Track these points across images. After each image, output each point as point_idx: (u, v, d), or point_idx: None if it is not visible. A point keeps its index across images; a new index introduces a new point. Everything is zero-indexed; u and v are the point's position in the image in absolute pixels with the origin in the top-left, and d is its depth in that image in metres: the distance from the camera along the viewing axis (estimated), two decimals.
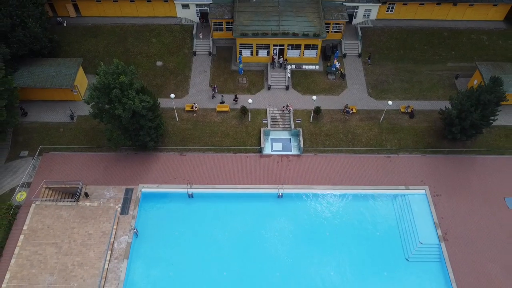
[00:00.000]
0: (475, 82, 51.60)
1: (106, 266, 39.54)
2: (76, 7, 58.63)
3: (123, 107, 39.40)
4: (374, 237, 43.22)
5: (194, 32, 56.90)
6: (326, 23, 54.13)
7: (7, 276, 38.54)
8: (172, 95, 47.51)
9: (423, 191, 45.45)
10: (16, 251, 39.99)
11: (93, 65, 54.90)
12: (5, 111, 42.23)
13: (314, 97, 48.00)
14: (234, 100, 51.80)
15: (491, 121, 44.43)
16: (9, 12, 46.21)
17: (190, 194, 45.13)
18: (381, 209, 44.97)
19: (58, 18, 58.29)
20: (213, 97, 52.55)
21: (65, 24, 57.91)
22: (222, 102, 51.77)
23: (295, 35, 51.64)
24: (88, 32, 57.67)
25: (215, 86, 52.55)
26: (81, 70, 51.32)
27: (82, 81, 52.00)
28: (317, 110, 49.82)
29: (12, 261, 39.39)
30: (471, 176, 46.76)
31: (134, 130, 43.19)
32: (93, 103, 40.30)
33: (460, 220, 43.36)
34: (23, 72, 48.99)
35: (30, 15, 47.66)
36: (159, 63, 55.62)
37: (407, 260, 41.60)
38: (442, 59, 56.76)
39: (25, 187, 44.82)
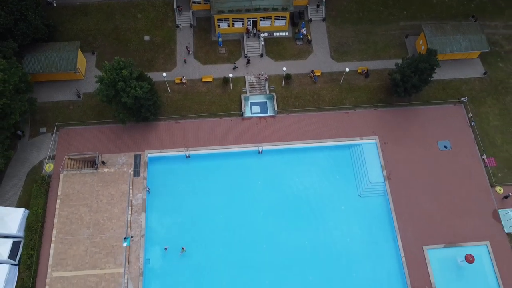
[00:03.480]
0: (421, 42, 60.73)
1: (129, 219, 51.24)
2: None
3: (127, 95, 48.06)
4: (335, 180, 55.34)
5: (175, 6, 62.78)
6: None
7: (53, 232, 50.06)
8: (164, 74, 55.66)
9: (373, 141, 56.77)
10: (56, 212, 51.11)
11: (87, 43, 61.69)
12: (27, 103, 50.40)
13: (284, 68, 56.87)
14: (246, 64, 60.43)
15: (427, 82, 54.47)
16: (10, 9, 51.88)
17: (187, 155, 55.61)
18: (340, 157, 56.50)
19: None
20: (185, 62, 60.44)
21: (55, 4, 62.91)
22: (235, 68, 59.89)
23: (266, 9, 58.56)
24: (78, 11, 63.09)
25: (188, 47, 60.41)
26: (79, 52, 58.13)
27: (82, 62, 59.04)
28: (288, 76, 58.84)
29: (55, 220, 50.67)
30: (412, 125, 57.89)
31: (136, 109, 52.15)
32: (102, 94, 48.64)
33: (401, 163, 55.34)
34: (29, 59, 55.85)
35: (28, 8, 53.23)
36: (146, 38, 62.33)
37: (359, 196, 54.23)
38: (396, 19, 64.69)
39: (50, 159, 54.57)
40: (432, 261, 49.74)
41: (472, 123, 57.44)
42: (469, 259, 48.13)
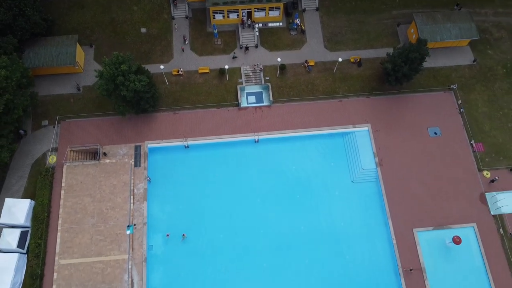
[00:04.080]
0: (412, 30, 62.06)
1: (131, 207, 53.35)
2: None
3: (126, 89, 49.53)
4: (329, 167, 57.41)
5: None
6: None
7: (59, 221, 52.17)
8: (162, 66, 57.05)
9: (366, 128, 58.63)
10: (61, 203, 53.12)
11: (85, 36, 62.73)
12: (29, 98, 51.84)
13: (279, 59, 58.24)
14: (245, 51, 61.83)
15: (418, 71, 56.02)
16: (9, 5, 52.78)
17: (186, 145, 57.41)
18: (334, 145, 58.41)
19: None
20: (182, 51, 61.75)
21: None
22: (234, 57, 61.30)
23: (260, 1, 59.59)
24: (75, 4, 63.91)
25: (185, 37, 61.79)
26: (78, 46, 59.18)
27: (80, 55, 60.17)
28: (282, 67, 60.26)
29: (61, 210, 52.73)
30: (404, 112, 59.68)
31: (135, 101, 53.66)
32: (102, 88, 50.04)
33: (393, 149, 57.35)
34: (29, 53, 56.97)
35: (26, 3, 54.11)
36: (143, 30, 63.36)
37: (352, 182, 56.39)
38: (388, 8, 65.81)
39: (53, 151, 56.29)
40: (421, 243, 52.24)
41: (462, 110, 59.30)
42: (456, 240, 50.66)
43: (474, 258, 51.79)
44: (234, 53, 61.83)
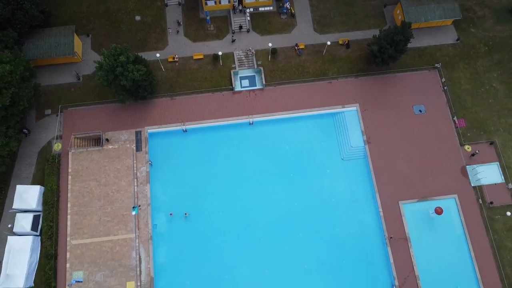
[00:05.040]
0: (398, 13, 64.20)
1: (135, 190, 56.78)
2: None
3: (126, 79, 52.02)
4: (320, 146, 60.74)
5: None
6: None
7: (68, 205, 55.63)
8: (158, 54, 59.28)
9: (354, 108, 61.66)
10: (69, 188, 56.44)
11: (81, 26, 64.57)
12: (33, 90, 54.27)
13: (270, 44, 60.61)
14: (239, 30, 64.17)
15: (403, 52, 58.59)
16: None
17: (184, 129, 60.37)
18: (324, 125, 61.59)
19: None
20: (177, 33, 63.95)
21: None
22: (233, 41, 63.56)
23: None
24: None
25: (179, 20, 63.83)
26: (75, 36, 61.07)
27: (78, 45, 62.14)
28: (274, 51, 62.61)
29: (69, 194, 56.10)
30: (390, 92, 62.60)
31: (134, 89, 56.20)
32: (102, 79, 52.50)
33: (380, 127, 60.58)
34: (29, 45, 58.94)
35: None
36: (138, 18, 65.11)
37: (342, 159, 59.90)
38: None
39: (58, 139, 59.13)
40: (406, 214, 56.31)
41: (445, 88, 62.28)
42: (438, 211, 54.70)
43: (455, 227, 56.03)
44: (232, 36, 63.85)
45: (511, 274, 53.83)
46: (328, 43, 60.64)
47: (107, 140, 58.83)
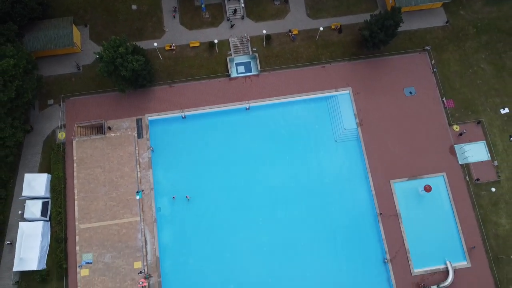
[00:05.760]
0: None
1: (138, 175, 59.35)
2: None
3: (125, 69, 53.87)
4: (314, 128, 63.08)
5: None
6: None
7: (75, 191, 58.29)
8: (155, 44, 60.90)
9: (347, 91, 63.80)
10: (75, 175, 58.97)
11: (79, 16, 65.91)
12: (36, 81, 56.09)
13: (264, 31, 62.23)
14: (234, 13, 65.41)
15: (393, 36, 60.36)
16: None
17: (183, 116, 62.53)
18: (318, 108, 63.79)
19: None
20: (174, 17, 65.41)
21: None
22: (232, 26, 65.07)
23: None
24: None
25: (175, 8, 65.31)
26: (73, 27, 62.42)
27: (77, 35, 63.58)
28: (268, 37, 64.25)
29: (75, 181, 58.68)
30: (382, 75, 64.60)
31: (134, 79, 58.04)
32: (103, 70, 54.34)
33: (372, 110, 62.86)
34: (29, 37, 60.40)
35: None
36: (134, 7, 66.29)
37: (336, 141, 62.38)
38: None
39: (62, 128, 61.27)
40: (397, 192, 59.23)
41: (435, 70, 64.33)
42: (427, 188, 57.62)
43: (443, 203, 59.04)
44: (231, 21, 65.22)
45: (495, 246, 57.20)
46: (321, 28, 62.31)
47: (109, 128, 61.02)
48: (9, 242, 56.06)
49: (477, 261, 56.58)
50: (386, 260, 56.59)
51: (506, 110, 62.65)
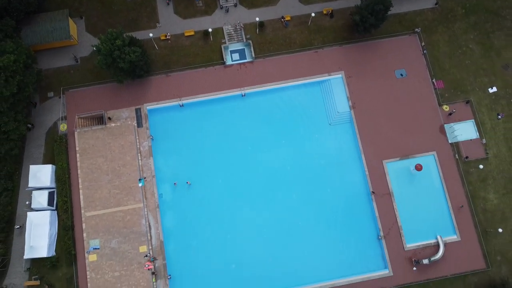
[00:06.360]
0: None
1: (140, 163, 61.38)
2: None
3: (123, 61, 55.25)
4: (309, 112, 64.94)
5: None
6: None
7: (79, 181, 60.35)
8: (151, 34, 62.05)
9: (340, 75, 65.43)
10: (78, 165, 60.91)
11: (74, 9, 66.75)
12: (36, 76, 57.45)
13: (257, 18, 63.37)
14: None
15: (384, 20, 61.66)
16: None
17: (181, 104, 64.18)
18: (312, 93, 65.49)
19: None
20: (167, 4, 66.37)
21: None
22: (227, 11, 66.06)
23: None
24: None
25: None
26: (69, 19, 63.34)
27: (73, 28, 64.50)
28: (261, 24, 65.43)
29: (79, 171, 60.67)
30: (373, 58, 66.11)
31: (131, 70, 59.41)
32: (101, 63, 55.70)
33: (364, 93, 64.64)
34: (26, 32, 61.41)
35: None
36: None
37: (330, 124, 64.34)
38: None
39: (63, 120, 62.86)
40: (389, 172, 61.58)
41: (425, 51, 65.89)
42: (418, 167, 59.95)
43: (434, 181, 61.51)
44: (225, 7, 66.23)
45: (484, 220, 59.98)
46: (313, 14, 63.50)
47: (109, 118, 62.70)
48: (18, 226, 58.40)
49: (466, 234, 59.42)
50: (380, 237, 59.38)
51: (494, 89, 64.64)
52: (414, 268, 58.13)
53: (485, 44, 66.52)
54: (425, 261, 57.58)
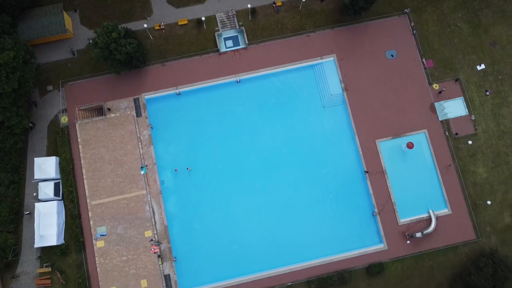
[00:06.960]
0: None
1: (141, 152, 63.34)
2: None
3: (120, 53, 56.56)
4: (302, 96, 66.68)
5: None
6: None
7: (83, 171, 62.36)
8: (145, 25, 63.07)
9: (332, 58, 66.89)
10: (81, 156, 62.83)
11: (68, 2, 67.53)
12: (35, 70, 58.76)
13: (249, 5, 64.43)
14: None
15: (373, 2, 62.80)
16: None
17: (178, 93, 65.74)
18: (305, 77, 67.07)
19: None
20: None
21: None
22: None
23: None
24: None
25: None
26: (64, 13, 64.20)
27: (68, 21, 65.44)
28: (253, 11, 66.47)
29: (82, 161, 62.63)
30: (364, 40, 67.49)
31: (128, 61, 60.75)
32: (98, 56, 57.00)
33: (356, 75, 66.25)
34: (22, 27, 62.38)
35: None
36: None
37: (323, 107, 66.18)
38: None
39: (63, 112, 64.45)
40: (382, 151, 63.77)
41: (414, 31, 67.24)
42: (410, 145, 62.15)
43: (425, 158, 63.78)
44: None
45: (473, 193, 62.56)
46: (303, 0, 64.60)
47: (109, 109, 64.30)
48: (28, 212, 60.64)
49: (457, 207, 62.11)
50: (374, 213, 61.99)
51: (482, 66, 66.34)
52: (408, 242, 60.98)
53: (473, 22, 67.89)
54: (418, 235, 60.36)
